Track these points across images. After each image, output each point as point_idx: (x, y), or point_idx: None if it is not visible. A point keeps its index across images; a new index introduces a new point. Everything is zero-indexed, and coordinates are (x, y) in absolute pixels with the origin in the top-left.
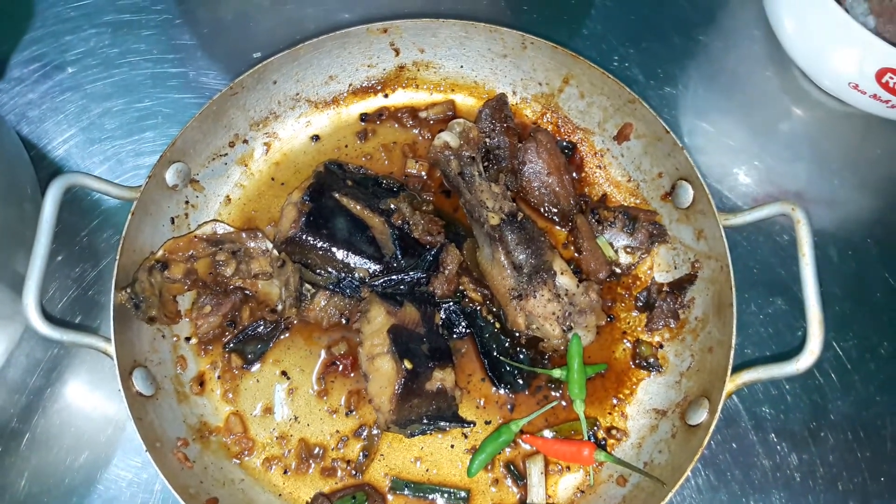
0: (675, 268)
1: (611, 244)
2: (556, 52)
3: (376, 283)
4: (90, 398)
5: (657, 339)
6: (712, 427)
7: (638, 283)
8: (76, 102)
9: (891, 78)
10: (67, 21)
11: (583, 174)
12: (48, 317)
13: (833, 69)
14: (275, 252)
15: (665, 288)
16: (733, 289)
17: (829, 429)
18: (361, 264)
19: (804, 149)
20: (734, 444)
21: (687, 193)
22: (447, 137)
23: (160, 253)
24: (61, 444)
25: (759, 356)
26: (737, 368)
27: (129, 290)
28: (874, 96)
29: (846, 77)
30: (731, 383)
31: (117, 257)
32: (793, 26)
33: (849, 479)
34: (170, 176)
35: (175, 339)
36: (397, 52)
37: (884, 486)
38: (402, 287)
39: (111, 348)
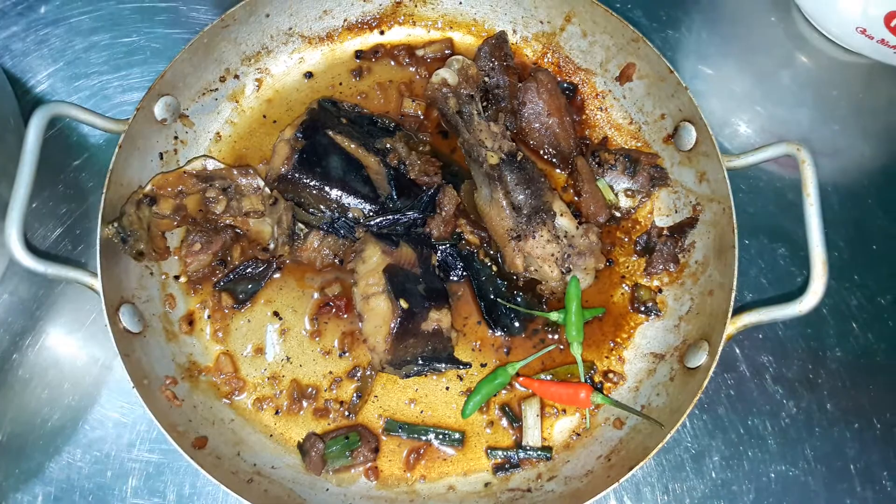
0: (676, 211)
1: (611, 187)
2: None
3: (371, 223)
4: (75, 338)
5: (656, 283)
6: (712, 369)
7: (638, 227)
8: (61, 36)
9: None
10: None
11: (583, 116)
12: (33, 249)
13: (840, 13)
14: (266, 190)
15: (665, 232)
16: (735, 230)
17: (827, 376)
18: (356, 204)
19: (807, 96)
20: (732, 391)
21: (690, 135)
22: (445, 74)
23: (149, 187)
24: (46, 384)
25: (759, 300)
26: (737, 311)
27: (116, 224)
28: (882, 41)
29: (853, 21)
30: (732, 326)
31: (104, 190)
32: None
33: (846, 427)
34: (159, 109)
35: (164, 276)
36: None
37: (880, 434)
38: (397, 228)
39: (97, 283)
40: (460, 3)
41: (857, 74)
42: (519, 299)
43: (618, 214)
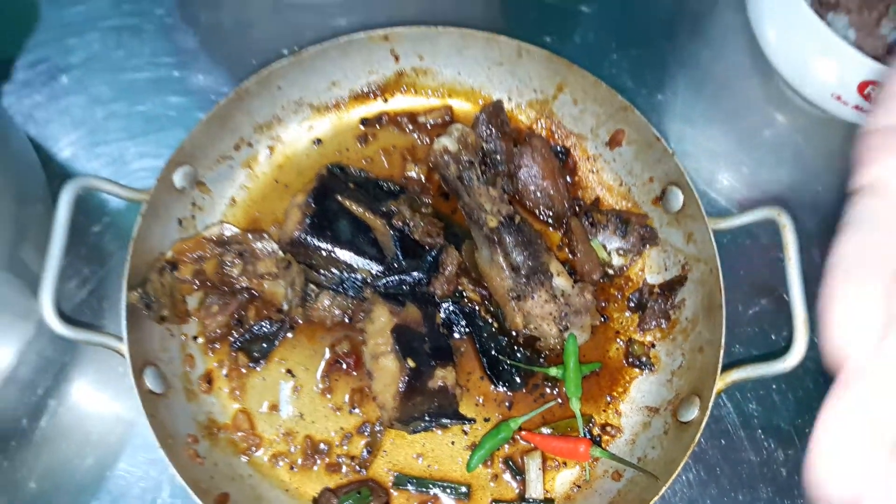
0: (666, 269)
1: (604, 246)
2: (550, 61)
3: (378, 283)
4: (99, 397)
5: (649, 338)
6: (703, 424)
7: (630, 284)
8: (81, 105)
9: (872, 90)
10: (71, 25)
11: (576, 178)
12: (62, 315)
13: (816, 80)
14: (280, 253)
15: (656, 289)
16: (722, 291)
17: (814, 426)
18: (364, 265)
19: (787, 154)
20: (723, 441)
21: (677, 198)
22: (446, 142)
23: (170, 254)
24: (70, 443)
25: (746, 355)
26: (726, 367)
27: (140, 291)
28: (856, 107)
29: (828, 88)
30: (721, 381)
31: (128, 258)
32: (775, 37)
33: None
34: (178, 178)
35: (183, 337)
36: (397, 58)
37: None
38: (403, 287)
39: (124, 347)
40: (459, 73)
41: (836, 133)
42: (519, 355)
43: (611, 272)
